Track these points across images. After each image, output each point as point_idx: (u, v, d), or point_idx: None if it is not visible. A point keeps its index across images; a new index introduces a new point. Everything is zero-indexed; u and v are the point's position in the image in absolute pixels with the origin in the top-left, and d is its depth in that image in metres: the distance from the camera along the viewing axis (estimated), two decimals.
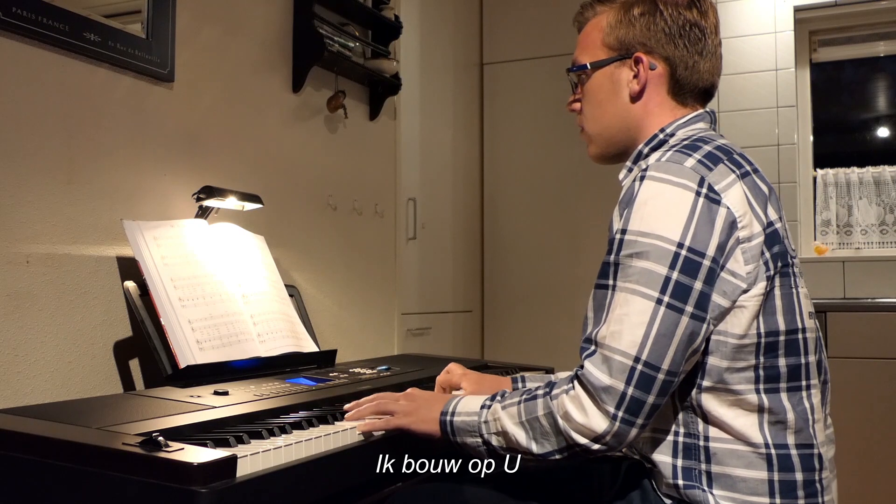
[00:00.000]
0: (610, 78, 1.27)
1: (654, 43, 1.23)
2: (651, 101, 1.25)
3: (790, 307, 1.12)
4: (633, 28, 1.25)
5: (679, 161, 1.11)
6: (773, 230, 1.12)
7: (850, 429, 2.98)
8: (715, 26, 1.26)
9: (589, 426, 1.04)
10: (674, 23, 1.23)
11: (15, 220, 1.51)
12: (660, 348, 1.03)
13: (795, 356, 1.11)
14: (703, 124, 1.25)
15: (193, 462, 0.91)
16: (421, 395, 1.29)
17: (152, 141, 1.82)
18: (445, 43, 3.24)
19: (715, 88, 1.29)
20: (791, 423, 1.09)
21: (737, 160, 1.15)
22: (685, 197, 1.07)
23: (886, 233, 3.60)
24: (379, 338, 2.69)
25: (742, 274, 1.08)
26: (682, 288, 1.04)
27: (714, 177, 1.10)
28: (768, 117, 3.68)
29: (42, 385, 1.53)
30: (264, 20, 2.21)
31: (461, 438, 1.19)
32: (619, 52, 1.26)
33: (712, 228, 1.06)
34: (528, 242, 3.42)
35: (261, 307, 1.78)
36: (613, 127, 1.28)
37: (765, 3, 3.68)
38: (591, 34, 1.30)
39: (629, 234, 1.08)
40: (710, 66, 1.26)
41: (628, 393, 1.02)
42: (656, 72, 1.24)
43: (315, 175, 2.40)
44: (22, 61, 1.52)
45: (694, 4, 1.24)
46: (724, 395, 1.09)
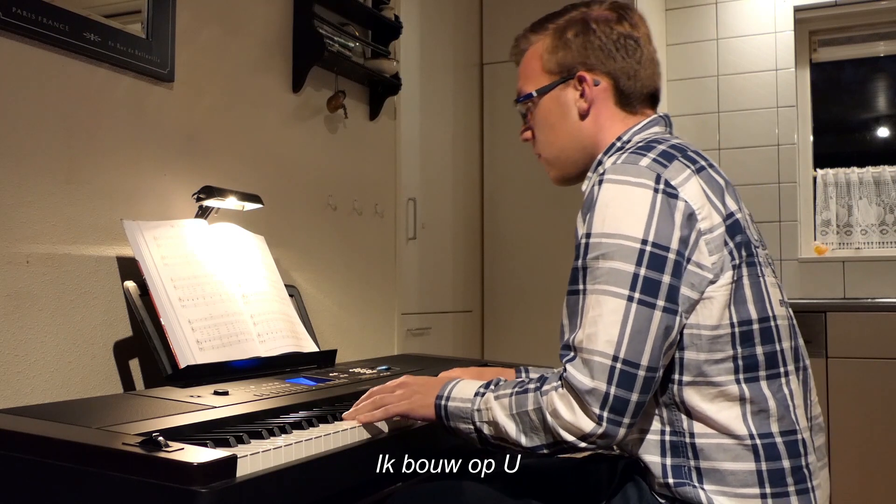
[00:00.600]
0: (557, 101, 1.31)
1: (594, 60, 1.28)
2: (601, 116, 1.29)
3: (759, 296, 1.14)
4: (570, 50, 1.29)
5: (634, 161, 1.14)
6: (734, 220, 1.14)
7: (850, 429, 2.98)
8: (647, 36, 1.32)
9: (577, 424, 1.05)
10: (608, 38, 1.28)
11: (15, 220, 1.51)
12: (636, 345, 1.05)
13: (771, 343, 1.13)
14: (659, 128, 1.29)
15: (193, 462, 0.91)
16: (416, 381, 1.30)
17: (152, 141, 1.82)
18: (445, 43, 3.24)
19: (660, 92, 1.34)
20: (773, 411, 1.11)
21: (691, 156, 1.18)
22: (644, 194, 1.10)
23: (886, 233, 3.60)
24: (379, 338, 2.70)
25: (708, 265, 1.10)
26: (650, 283, 1.07)
27: (669, 173, 1.12)
28: (768, 117, 3.68)
29: (42, 385, 1.53)
30: (264, 20, 2.21)
31: (454, 423, 1.20)
32: (561, 76, 1.30)
33: (673, 222, 1.09)
34: (528, 242, 3.42)
35: (261, 307, 1.78)
36: (569, 148, 1.32)
37: (765, 3, 3.69)
38: (531, 63, 1.34)
39: (593, 237, 1.10)
40: (651, 72, 1.31)
41: (611, 393, 1.04)
42: (601, 87, 1.28)
43: (315, 175, 2.40)
44: (22, 61, 1.52)
45: (623, 18, 1.30)
46: (705, 388, 1.11)
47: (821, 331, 3.05)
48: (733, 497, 1.08)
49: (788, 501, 1.09)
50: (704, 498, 1.09)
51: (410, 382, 1.30)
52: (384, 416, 1.26)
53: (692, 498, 1.10)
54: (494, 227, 3.49)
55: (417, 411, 1.25)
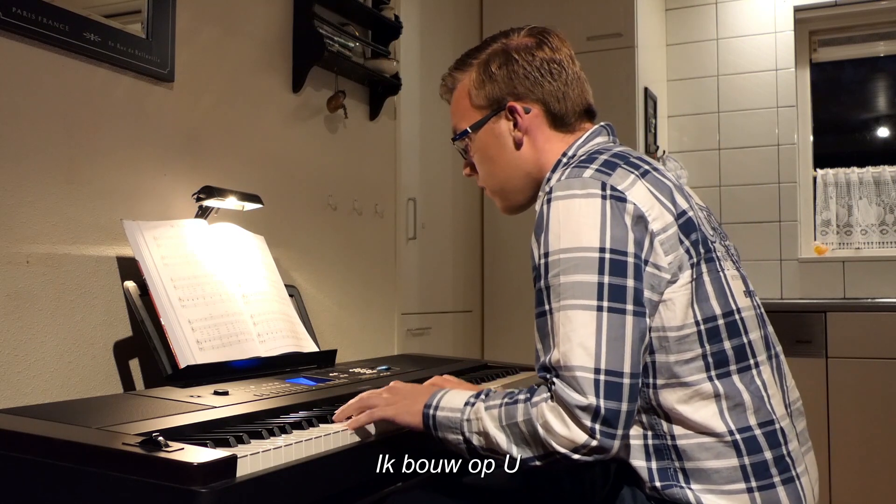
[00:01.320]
0: (492, 134, 1.33)
1: (521, 89, 1.29)
2: (538, 141, 1.30)
3: (721, 290, 1.13)
4: (496, 83, 1.30)
5: (578, 175, 1.14)
6: (687, 218, 1.14)
7: (851, 429, 2.98)
8: (570, 56, 1.32)
9: (570, 437, 1.04)
10: (531, 66, 1.28)
11: (15, 220, 1.51)
12: (615, 353, 1.04)
13: (738, 336, 1.13)
14: (601, 138, 1.30)
15: (193, 462, 0.91)
16: (404, 388, 1.30)
17: (152, 141, 1.82)
18: (445, 43, 3.24)
19: (593, 106, 1.34)
20: (748, 404, 1.11)
21: (633, 162, 1.18)
22: (592, 204, 1.10)
23: (886, 233, 3.60)
24: (379, 338, 2.69)
25: (664, 265, 1.10)
26: (616, 289, 1.06)
27: (614, 179, 1.12)
28: (768, 117, 3.68)
29: (42, 385, 1.53)
30: (264, 20, 2.21)
31: (442, 434, 1.19)
32: (491, 109, 1.32)
33: (625, 225, 1.09)
34: (527, 243, 3.41)
35: (261, 307, 1.78)
36: (512, 177, 1.33)
37: (765, 3, 3.69)
38: (461, 101, 1.37)
39: (552, 255, 1.10)
40: (579, 90, 1.31)
41: (601, 406, 1.02)
42: (532, 114, 1.29)
43: (315, 175, 2.40)
44: (22, 61, 1.52)
45: (544, 42, 1.30)
46: (679, 389, 1.11)
47: (821, 331, 3.05)
48: (720, 494, 1.09)
49: (775, 492, 1.09)
50: (693, 498, 1.09)
51: (399, 388, 1.29)
52: (369, 420, 1.25)
53: (681, 499, 1.10)
54: (494, 227, 3.49)
55: (403, 417, 1.23)
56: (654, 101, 3.52)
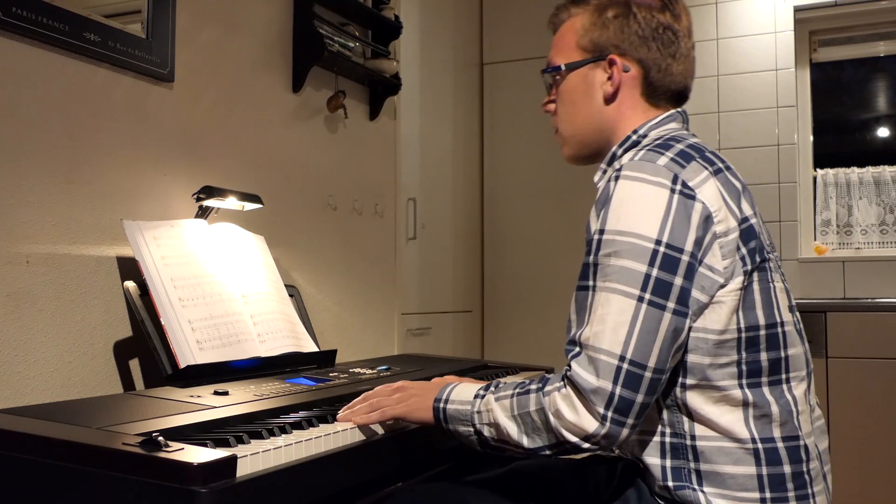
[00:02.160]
0: (584, 79, 1.29)
1: (628, 45, 1.25)
2: (624, 104, 1.26)
3: (768, 301, 1.12)
4: (606, 30, 1.26)
5: (652, 160, 1.12)
6: (749, 225, 1.13)
7: (851, 429, 2.98)
8: (688, 29, 1.27)
9: (580, 425, 1.04)
10: (647, 25, 1.24)
11: (15, 220, 1.51)
12: (644, 346, 1.04)
13: (776, 350, 1.12)
14: (676, 124, 1.27)
15: (193, 462, 0.91)
16: (413, 385, 1.30)
17: (152, 141, 1.82)
18: (445, 43, 3.24)
19: (689, 91, 1.30)
20: (776, 416, 1.10)
21: (709, 157, 1.16)
22: (660, 194, 1.08)
23: (886, 233, 3.60)
24: (379, 338, 2.69)
25: (720, 269, 1.08)
26: (662, 284, 1.05)
27: (687, 173, 1.11)
28: (768, 117, 3.68)
29: (42, 385, 1.53)
30: (264, 20, 2.21)
31: (453, 426, 1.19)
32: (593, 54, 1.27)
33: (689, 224, 1.07)
34: (528, 242, 3.42)
35: (261, 307, 1.78)
36: (587, 128, 1.30)
37: (765, 3, 3.69)
38: (566, 36, 1.32)
39: (606, 234, 1.09)
40: (683, 68, 1.27)
41: (616, 393, 1.03)
42: (630, 74, 1.25)
43: (315, 175, 2.40)
44: (22, 61, 1.52)
45: (667, 7, 1.26)
46: (708, 391, 1.10)
47: (821, 331, 3.05)
48: (732, 500, 1.08)
49: None
50: (704, 501, 1.08)
51: (408, 386, 1.29)
52: (380, 419, 1.25)
53: (691, 501, 1.09)
54: (494, 227, 3.49)
55: (414, 414, 1.24)
56: None
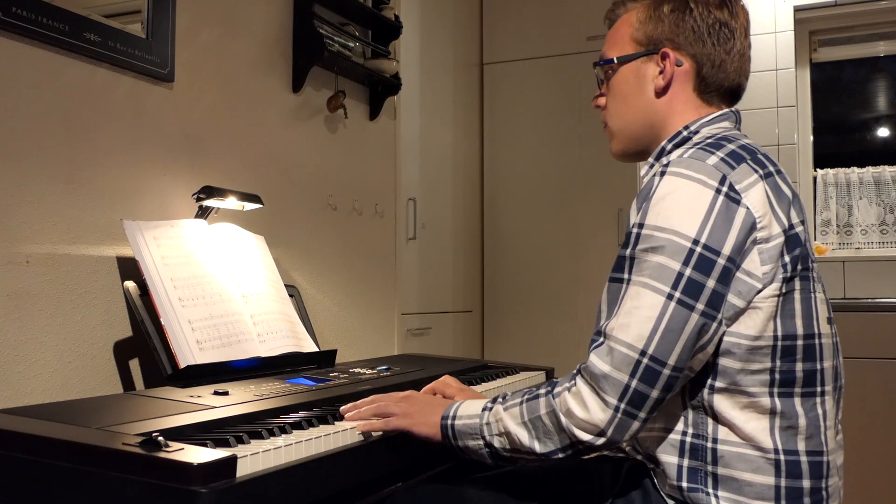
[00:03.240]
0: (636, 73, 1.27)
1: (682, 40, 1.23)
2: (676, 98, 1.25)
3: (808, 311, 1.11)
4: (661, 24, 1.24)
5: (701, 158, 1.11)
6: (794, 234, 1.11)
7: (851, 429, 2.98)
8: (745, 28, 1.26)
9: (591, 420, 1.04)
10: (703, 21, 1.23)
11: (15, 220, 1.51)
12: (667, 343, 1.03)
13: (812, 361, 1.10)
14: (728, 123, 1.25)
15: (193, 462, 0.91)
16: (421, 399, 1.29)
17: (152, 141, 1.82)
18: (445, 43, 3.24)
19: (742, 90, 1.28)
20: (802, 429, 1.08)
21: (760, 160, 1.14)
22: (704, 194, 1.07)
23: (886, 233, 3.60)
24: (379, 338, 2.69)
25: (758, 274, 1.07)
26: (694, 285, 1.04)
27: (736, 175, 1.09)
28: (768, 117, 3.67)
29: (42, 385, 1.53)
30: (264, 20, 2.21)
31: (463, 442, 1.19)
32: (646, 48, 1.26)
33: (730, 227, 1.06)
34: (528, 242, 3.42)
35: (261, 307, 1.78)
36: (637, 122, 1.28)
37: (765, 3, 3.68)
38: (621, 29, 1.30)
39: (646, 229, 1.08)
40: (738, 66, 1.25)
41: (632, 385, 1.03)
42: (682, 68, 1.24)
43: (315, 175, 2.40)
44: (22, 61, 1.52)
45: (725, 4, 1.24)
46: (737, 396, 1.09)
47: None
48: None
49: None
50: None
51: (415, 399, 1.29)
52: (384, 428, 1.25)
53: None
54: (494, 227, 3.49)
55: (420, 429, 1.23)
56: None
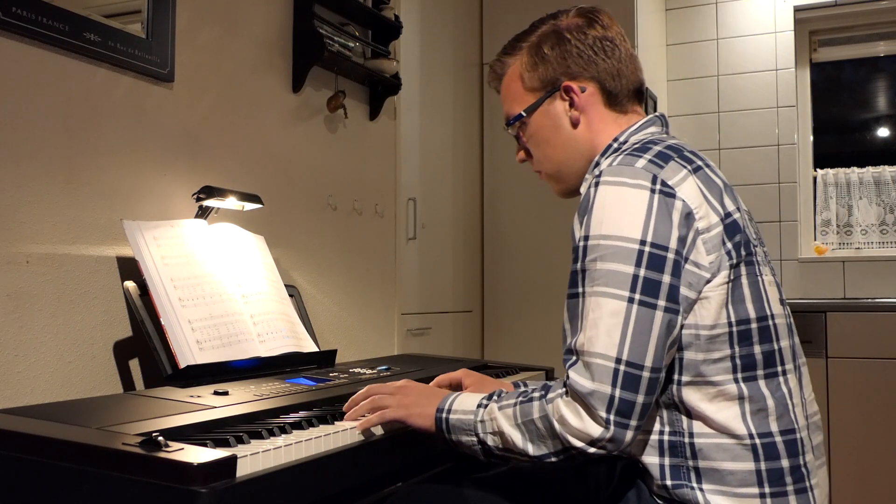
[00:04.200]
0: (547, 115, 1.31)
1: (576, 68, 1.28)
2: (593, 121, 1.29)
3: (758, 294, 1.13)
4: (549, 63, 1.29)
5: (630, 163, 1.13)
6: (732, 220, 1.14)
7: (851, 429, 2.98)
8: (621, 35, 1.32)
9: (585, 430, 1.05)
10: (584, 45, 1.28)
11: (15, 220, 1.51)
12: (639, 346, 1.05)
13: (769, 342, 1.13)
14: (655, 128, 1.29)
15: (193, 462, 0.91)
16: (416, 389, 1.29)
17: (152, 141, 1.82)
18: (445, 43, 3.24)
19: (644, 86, 1.33)
20: (772, 410, 1.11)
21: (687, 156, 1.17)
22: (640, 195, 1.10)
23: (886, 233, 3.60)
24: (379, 338, 2.69)
25: (705, 264, 1.10)
26: (650, 283, 1.06)
27: (665, 173, 1.12)
28: (768, 117, 3.68)
29: (42, 385, 1.53)
30: (264, 20, 2.21)
31: (456, 437, 1.19)
32: (546, 90, 1.30)
33: (671, 221, 1.09)
34: (528, 242, 3.42)
35: (261, 307, 1.78)
36: (569, 158, 1.31)
37: (765, 3, 3.69)
38: (512, 86, 1.35)
39: (591, 240, 1.10)
40: (633, 67, 1.30)
41: (616, 395, 1.03)
42: (588, 93, 1.28)
43: (315, 175, 2.40)
44: (22, 61, 1.52)
45: (594, 21, 1.30)
46: (704, 388, 1.10)
47: (821, 331, 3.05)
48: (732, 497, 1.08)
49: (787, 501, 1.09)
50: (702, 499, 1.09)
51: (410, 389, 1.29)
52: (380, 421, 1.25)
53: (690, 499, 1.09)
54: (494, 227, 3.49)
55: (415, 420, 1.24)
56: (654, 101, 3.52)
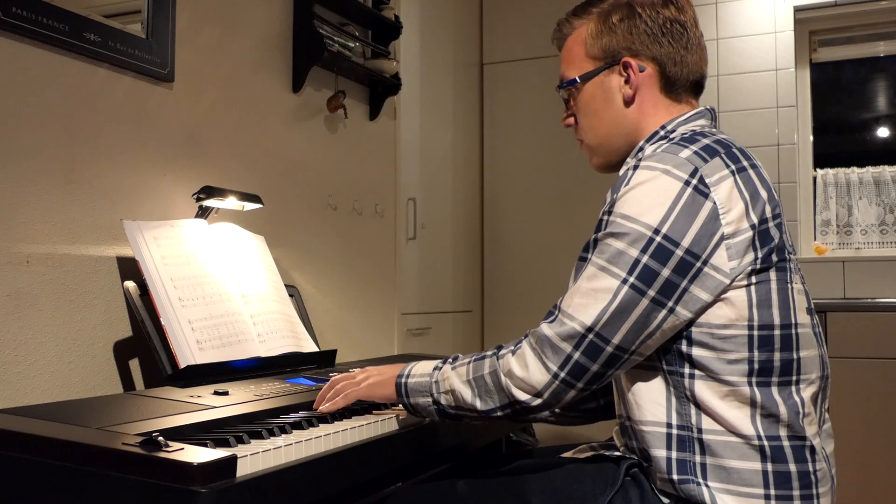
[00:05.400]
0: (601, 87, 1.29)
1: (640, 45, 1.25)
2: (646, 103, 1.27)
3: (785, 301, 1.13)
4: (615, 35, 1.26)
5: (675, 152, 1.13)
6: (766, 228, 1.12)
7: (851, 429, 2.98)
8: (694, 19, 1.28)
9: (529, 381, 1.11)
10: (654, 23, 1.25)
11: (15, 220, 1.51)
12: (614, 323, 1.08)
13: (789, 351, 1.12)
14: (704, 121, 1.28)
15: (193, 462, 0.91)
16: (377, 368, 1.35)
17: (152, 141, 1.82)
18: (445, 43, 3.24)
19: (705, 79, 1.31)
20: (783, 417, 1.10)
21: (734, 154, 1.16)
22: (672, 185, 1.10)
23: (886, 233, 3.60)
24: (379, 338, 2.69)
25: (726, 270, 1.09)
26: (648, 272, 1.08)
27: (707, 169, 1.11)
28: (768, 117, 3.68)
29: (42, 385, 1.53)
30: (264, 20, 2.21)
31: (414, 399, 1.26)
32: (605, 61, 1.28)
33: (692, 220, 1.08)
34: (528, 242, 3.42)
35: (261, 307, 1.78)
36: (613, 134, 1.30)
37: (765, 3, 3.69)
38: (574, 48, 1.32)
39: (613, 216, 1.12)
40: (697, 57, 1.28)
41: (574, 357, 1.09)
42: (646, 73, 1.26)
43: (315, 175, 2.40)
44: (22, 61, 1.52)
45: (670, 1, 1.26)
46: (717, 385, 1.10)
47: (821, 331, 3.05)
48: (737, 496, 1.08)
49: None
50: (707, 495, 1.08)
51: (371, 370, 1.35)
52: (346, 403, 1.32)
53: (695, 495, 1.09)
54: (494, 227, 3.49)
55: (377, 391, 1.30)
56: None
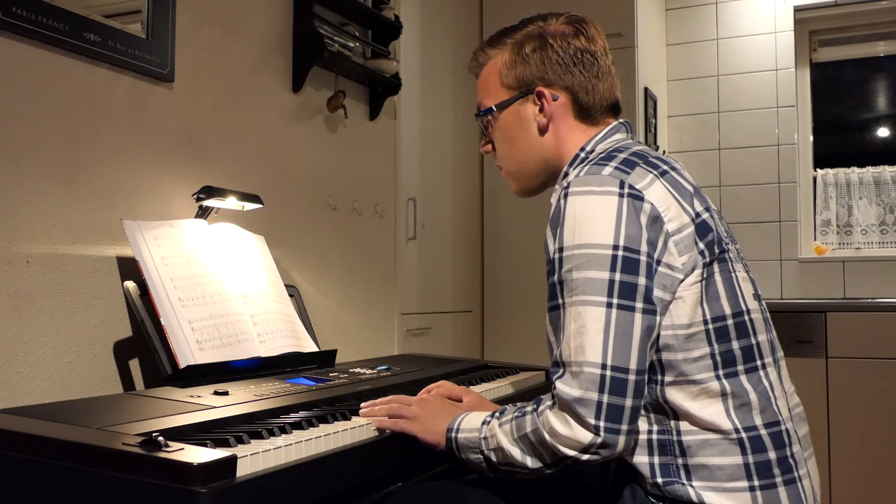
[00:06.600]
0: (517, 115, 1.32)
1: (552, 75, 1.29)
2: (561, 129, 1.30)
3: (732, 291, 1.15)
4: (528, 65, 1.30)
5: (597, 172, 1.15)
6: (702, 220, 1.15)
7: (851, 429, 2.98)
8: (604, 48, 1.31)
9: (574, 438, 1.06)
10: (565, 53, 1.28)
11: (15, 220, 1.51)
12: (622, 350, 1.06)
13: (746, 337, 1.14)
14: (620, 135, 1.30)
15: (193, 462, 0.91)
16: (433, 405, 1.32)
17: (152, 141, 1.82)
18: (445, 43, 3.24)
19: (619, 102, 1.34)
20: (755, 404, 1.12)
21: (652, 162, 1.19)
22: (609, 201, 1.11)
23: (886, 233, 3.60)
24: (379, 338, 2.69)
25: (678, 266, 1.11)
26: (627, 287, 1.08)
27: (633, 178, 1.14)
28: (768, 117, 3.68)
29: (42, 385, 1.53)
30: (264, 20, 2.21)
31: (465, 455, 1.23)
32: (520, 90, 1.31)
33: (640, 224, 1.10)
34: (528, 242, 3.42)
35: (261, 307, 1.78)
36: (530, 161, 1.33)
37: (765, 3, 3.69)
38: (490, 78, 1.35)
39: (566, 251, 1.11)
40: (609, 84, 1.31)
41: (604, 401, 1.05)
42: (559, 102, 1.29)
43: (315, 175, 2.40)
44: (22, 61, 1.52)
45: (580, 32, 1.30)
46: (687, 387, 1.12)
47: (821, 331, 3.05)
48: (722, 492, 1.10)
49: (776, 493, 1.10)
50: (694, 495, 1.10)
51: (427, 404, 1.32)
52: (392, 428, 1.29)
53: (682, 496, 1.10)
54: (494, 227, 3.49)
55: (427, 437, 1.27)
56: (654, 101, 3.52)
